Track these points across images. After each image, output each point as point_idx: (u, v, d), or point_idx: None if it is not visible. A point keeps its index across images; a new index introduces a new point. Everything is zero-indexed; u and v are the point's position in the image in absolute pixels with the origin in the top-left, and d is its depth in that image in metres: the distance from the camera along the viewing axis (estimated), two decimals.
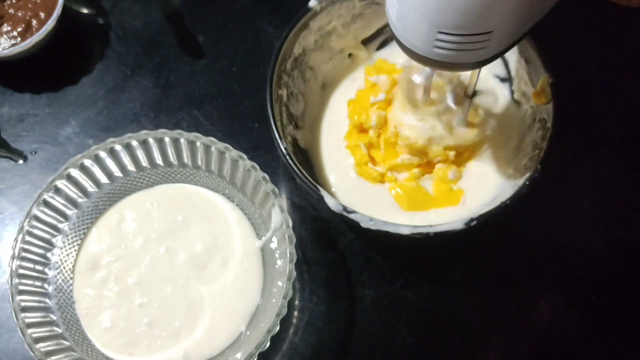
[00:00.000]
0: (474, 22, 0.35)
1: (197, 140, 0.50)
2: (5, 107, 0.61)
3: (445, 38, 0.36)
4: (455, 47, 0.37)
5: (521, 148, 0.53)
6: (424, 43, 0.38)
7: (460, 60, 0.38)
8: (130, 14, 0.66)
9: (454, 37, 0.36)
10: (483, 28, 0.35)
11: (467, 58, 0.38)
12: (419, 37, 0.38)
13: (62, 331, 0.47)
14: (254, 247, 0.52)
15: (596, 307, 0.54)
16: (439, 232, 0.46)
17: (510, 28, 0.37)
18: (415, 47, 0.39)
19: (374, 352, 0.52)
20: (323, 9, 0.54)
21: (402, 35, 0.39)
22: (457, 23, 0.35)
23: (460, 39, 0.36)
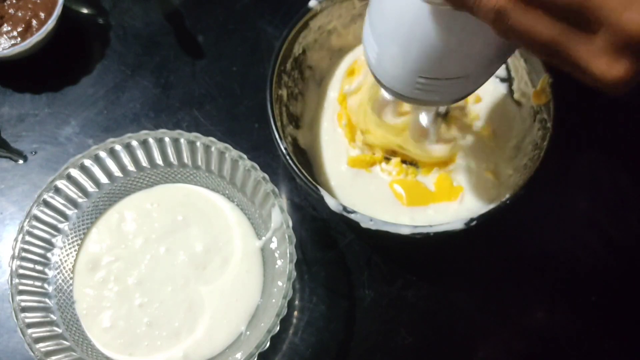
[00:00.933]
0: (453, 69, 0.36)
1: (197, 140, 0.50)
2: (5, 107, 0.61)
3: (426, 82, 0.37)
4: (434, 89, 0.38)
5: (521, 148, 0.53)
6: (405, 86, 0.39)
7: (439, 98, 0.40)
8: (130, 14, 0.66)
9: (434, 82, 0.37)
10: (462, 73, 0.37)
11: (447, 97, 0.40)
12: (399, 81, 0.39)
13: (62, 331, 0.47)
14: (254, 247, 0.52)
15: (596, 307, 0.54)
16: (439, 232, 0.46)
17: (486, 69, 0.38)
18: (396, 88, 0.40)
19: (374, 352, 0.52)
20: (323, 9, 0.54)
21: (382, 77, 0.40)
22: (436, 70, 0.37)
23: (439, 82, 0.37)
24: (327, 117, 0.58)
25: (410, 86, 0.38)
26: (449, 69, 0.36)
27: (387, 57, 0.38)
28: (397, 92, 0.40)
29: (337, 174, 0.56)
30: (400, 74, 0.38)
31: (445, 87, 0.38)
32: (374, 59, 0.39)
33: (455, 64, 0.36)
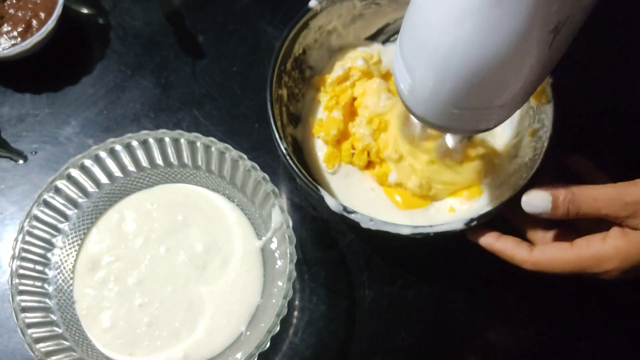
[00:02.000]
0: (489, 100, 0.36)
1: (197, 140, 0.50)
2: (6, 107, 0.61)
3: (460, 112, 0.37)
4: (469, 118, 0.37)
5: (521, 148, 0.53)
6: (438, 116, 0.38)
7: (473, 127, 0.39)
8: (130, 14, 0.66)
9: (468, 112, 0.37)
10: (497, 103, 0.36)
11: (480, 126, 0.39)
12: (433, 111, 0.38)
13: (62, 331, 0.47)
14: (254, 247, 0.52)
15: (596, 307, 0.54)
16: (439, 232, 0.46)
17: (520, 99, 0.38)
18: (429, 117, 0.39)
19: (374, 352, 0.52)
20: (323, 9, 0.54)
21: (415, 107, 0.39)
22: (472, 102, 0.36)
23: (475, 113, 0.37)
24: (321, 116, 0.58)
25: (444, 116, 0.38)
26: (483, 101, 0.36)
27: (421, 89, 0.37)
28: (430, 121, 0.39)
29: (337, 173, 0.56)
30: (434, 105, 0.37)
31: (480, 116, 0.37)
32: (407, 91, 0.38)
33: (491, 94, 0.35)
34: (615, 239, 0.40)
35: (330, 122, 0.55)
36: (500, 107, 0.37)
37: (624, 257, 0.39)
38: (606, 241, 0.40)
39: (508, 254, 0.45)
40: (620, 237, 0.39)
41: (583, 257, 0.41)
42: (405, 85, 0.38)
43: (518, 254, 0.44)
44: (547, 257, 0.43)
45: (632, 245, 0.39)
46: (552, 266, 0.42)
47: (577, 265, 0.41)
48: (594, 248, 0.40)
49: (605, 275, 0.40)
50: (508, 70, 0.34)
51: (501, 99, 0.36)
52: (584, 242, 0.41)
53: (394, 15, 0.58)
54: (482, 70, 0.33)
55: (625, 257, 0.39)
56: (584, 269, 0.41)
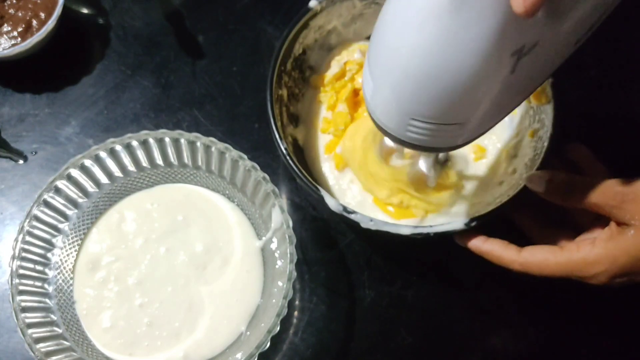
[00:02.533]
0: (447, 115, 0.35)
1: (197, 140, 0.50)
2: (6, 107, 0.61)
3: (418, 124, 0.36)
4: (427, 133, 0.36)
5: (521, 148, 0.53)
6: (397, 126, 0.37)
7: (433, 144, 0.38)
8: (130, 14, 0.66)
9: (426, 125, 0.36)
10: (454, 120, 0.35)
11: (440, 143, 0.38)
12: (392, 121, 0.37)
13: (62, 331, 0.47)
14: (254, 247, 0.52)
15: (596, 307, 0.54)
16: (439, 232, 0.46)
17: (481, 121, 0.37)
18: (389, 128, 0.38)
19: (374, 352, 0.52)
20: (323, 9, 0.54)
21: (376, 115, 0.39)
22: (429, 113, 0.35)
23: (433, 126, 0.36)
24: (323, 117, 0.58)
25: (402, 128, 0.37)
26: (441, 114, 0.35)
27: (381, 94, 0.36)
28: (389, 133, 0.39)
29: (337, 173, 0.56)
30: (393, 114, 0.37)
31: (439, 133, 0.36)
32: (369, 96, 0.38)
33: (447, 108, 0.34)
34: (604, 242, 0.40)
35: (337, 117, 0.55)
36: (459, 125, 0.36)
37: (611, 261, 0.39)
38: (595, 245, 0.40)
39: (496, 254, 0.45)
40: (609, 240, 0.40)
41: (572, 260, 0.41)
42: (368, 90, 0.38)
43: (506, 255, 0.44)
44: (536, 259, 0.43)
45: (619, 249, 0.39)
46: (541, 268, 0.43)
47: (565, 269, 0.41)
48: (583, 252, 0.41)
49: (593, 279, 0.41)
50: (465, 86, 0.33)
51: (459, 115, 0.35)
52: (573, 246, 0.41)
53: None
54: (439, 81, 0.33)
55: (613, 261, 0.39)
56: (572, 272, 0.41)
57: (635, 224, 0.39)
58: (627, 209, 0.39)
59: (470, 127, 0.37)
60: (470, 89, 0.33)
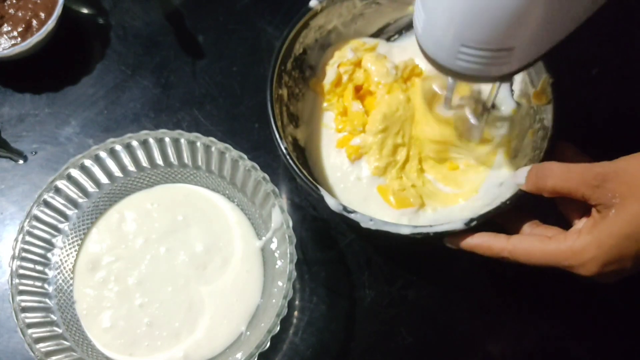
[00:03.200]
0: (496, 39, 0.36)
1: (197, 140, 0.50)
2: (6, 107, 0.61)
3: (468, 51, 0.37)
4: (477, 60, 0.38)
5: (521, 148, 0.53)
6: (448, 55, 0.39)
7: (482, 73, 0.39)
8: (130, 14, 0.66)
9: (476, 51, 0.37)
10: (505, 44, 0.37)
11: (489, 72, 0.39)
12: (442, 49, 0.39)
13: (62, 331, 0.47)
14: (254, 247, 0.52)
15: (596, 307, 0.54)
16: (439, 232, 0.46)
17: (531, 46, 0.38)
18: (439, 58, 0.40)
19: (374, 352, 0.52)
20: (324, 9, 0.54)
21: (427, 46, 0.40)
22: (479, 38, 0.36)
23: (483, 53, 0.37)
24: (327, 116, 0.58)
25: (452, 56, 0.38)
26: (491, 38, 0.36)
27: (432, 23, 0.38)
28: (439, 63, 0.40)
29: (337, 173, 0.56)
30: (444, 42, 0.38)
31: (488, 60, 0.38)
32: (421, 28, 0.40)
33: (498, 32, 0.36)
34: (589, 229, 0.40)
35: (354, 117, 0.55)
36: (507, 52, 0.37)
37: (597, 245, 0.39)
38: (580, 233, 0.41)
39: (485, 245, 0.45)
40: (593, 227, 0.40)
41: (559, 249, 0.41)
42: (420, 23, 0.40)
43: (496, 244, 0.45)
44: (524, 246, 0.43)
45: (603, 233, 0.39)
46: (529, 255, 0.43)
47: (552, 258, 0.42)
48: (569, 241, 0.41)
49: (583, 269, 0.40)
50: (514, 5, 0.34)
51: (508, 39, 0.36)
52: (561, 236, 0.42)
53: (394, 14, 0.58)
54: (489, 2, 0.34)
55: (598, 246, 0.39)
56: (559, 262, 0.41)
57: (616, 202, 0.39)
58: (607, 188, 0.39)
59: (518, 54, 0.38)
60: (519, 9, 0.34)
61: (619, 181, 0.39)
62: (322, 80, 0.57)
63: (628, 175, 0.39)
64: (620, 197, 0.39)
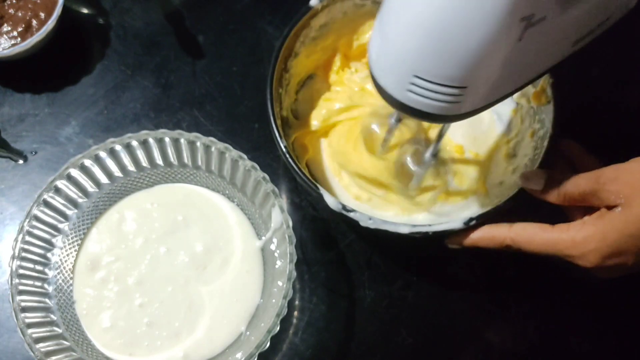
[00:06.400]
0: (451, 74, 0.35)
1: (197, 140, 0.50)
2: (5, 107, 0.61)
3: (420, 84, 0.36)
4: (428, 94, 0.36)
5: (521, 148, 0.53)
6: (399, 85, 0.37)
7: (432, 110, 0.38)
8: (130, 14, 0.66)
9: (428, 84, 0.36)
10: (458, 82, 0.35)
11: (439, 110, 0.38)
12: (394, 78, 0.38)
13: (62, 331, 0.47)
14: (254, 247, 0.52)
15: (596, 307, 0.54)
16: (438, 232, 0.46)
17: (485, 90, 0.37)
18: (389, 87, 0.38)
19: (374, 353, 0.52)
20: (324, 8, 0.54)
21: (378, 74, 0.39)
22: (433, 71, 0.35)
23: (435, 87, 0.36)
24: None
25: (404, 87, 0.37)
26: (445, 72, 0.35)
27: (387, 50, 0.37)
28: (389, 93, 0.39)
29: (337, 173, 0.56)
30: (396, 72, 0.37)
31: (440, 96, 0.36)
32: (375, 53, 0.38)
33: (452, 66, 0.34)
34: (594, 220, 0.40)
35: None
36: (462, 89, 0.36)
37: (601, 238, 0.40)
38: (585, 224, 0.41)
39: (488, 236, 0.45)
40: (598, 219, 0.40)
41: (561, 237, 0.41)
42: (374, 48, 0.38)
43: (498, 233, 0.45)
44: (527, 233, 0.43)
45: (608, 226, 0.39)
46: (530, 242, 0.43)
47: (554, 245, 0.42)
48: (572, 230, 0.41)
49: (583, 260, 0.41)
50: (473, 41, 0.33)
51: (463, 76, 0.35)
52: (564, 225, 0.42)
53: None
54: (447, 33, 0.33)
55: (602, 238, 0.39)
56: (561, 251, 0.41)
57: (622, 202, 0.39)
58: (612, 190, 0.40)
59: (472, 95, 0.36)
60: (478, 46, 0.33)
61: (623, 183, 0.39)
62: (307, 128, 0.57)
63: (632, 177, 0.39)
64: (625, 198, 0.39)
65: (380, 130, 0.52)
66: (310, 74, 0.59)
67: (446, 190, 0.54)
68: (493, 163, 0.55)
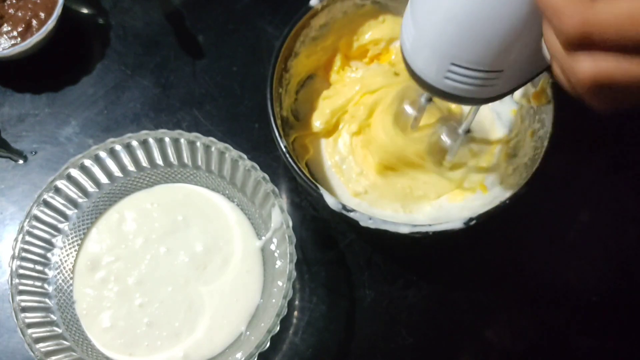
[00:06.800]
0: (488, 60, 0.36)
1: (197, 140, 0.50)
2: (5, 107, 0.61)
3: (457, 70, 0.37)
4: (465, 80, 0.37)
5: (521, 148, 0.53)
6: (436, 73, 0.38)
7: (467, 94, 0.39)
8: (130, 14, 0.66)
9: (465, 71, 0.37)
10: (495, 66, 0.36)
11: (475, 93, 0.38)
12: (431, 67, 0.38)
13: (62, 331, 0.47)
14: (254, 247, 0.52)
15: (596, 307, 0.54)
16: (438, 231, 0.46)
17: (521, 71, 0.38)
18: (426, 75, 0.39)
19: (374, 353, 0.52)
20: (324, 8, 0.54)
21: (414, 63, 0.39)
22: (471, 58, 0.36)
23: (472, 73, 0.37)
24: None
25: (441, 75, 0.38)
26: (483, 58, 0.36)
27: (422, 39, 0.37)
28: (426, 81, 0.39)
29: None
30: (433, 60, 0.37)
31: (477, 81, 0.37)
32: (410, 44, 0.39)
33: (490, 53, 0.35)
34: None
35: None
36: (497, 73, 0.36)
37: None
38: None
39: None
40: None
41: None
42: (408, 39, 0.39)
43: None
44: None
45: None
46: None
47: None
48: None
49: None
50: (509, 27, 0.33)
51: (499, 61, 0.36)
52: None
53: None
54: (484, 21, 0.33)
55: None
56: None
57: None
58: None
59: (508, 77, 0.37)
60: (513, 30, 0.33)
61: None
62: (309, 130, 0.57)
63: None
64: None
65: (411, 110, 0.53)
66: (311, 74, 0.59)
67: (477, 166, 0.54)
68: (493, 163, 0.55)
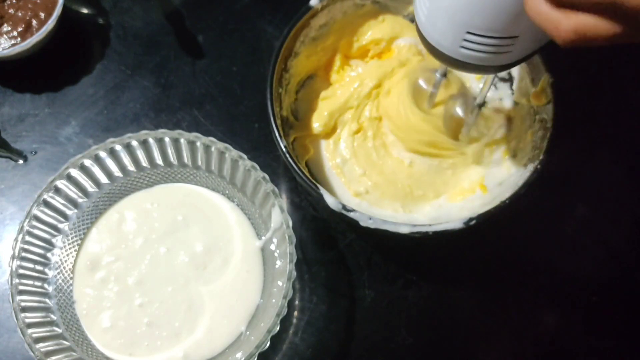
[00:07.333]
0: (502, 26, 0.36)
1: (197, 140, 0.50)
2: (5, 107, 0.61)
3: (472, 39, 0.37)
4: (480, 48, 0.38)
5: (521, 148, 0.53)
6: (451, 43, 0.39)
7: (483, 62, 0.39)
8: (130, 14, 0.66)
9: (480, 39, 0.37)
10: (510, 32, 0.37)
11: (490, 61, 0.39)
12: (446, 37, 0.39)
13: (62, 331, 0.47)
14: (254, 247, 0.52)
15: (596, 307, 0.54)
16: (438, 231, 0.46)
17: (535, 35, 0.38)
18: (442, 46, 0.40)
19: (374, 353, 0.52)
20: (324, 8, 0.54)
21: (430, 34, 0.40)
22: (486, 25, 0.36)
23: (487, 40, 0.37)
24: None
25: (456, 44, 0.38)
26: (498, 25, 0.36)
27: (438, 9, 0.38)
28: (442, 52, 0.40)
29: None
30: (448, 29, 0.38)
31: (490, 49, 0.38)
32: (424, 15, 0.39)
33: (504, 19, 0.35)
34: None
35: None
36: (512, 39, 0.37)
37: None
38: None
39: None
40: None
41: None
42: (423, 10, 0.39)
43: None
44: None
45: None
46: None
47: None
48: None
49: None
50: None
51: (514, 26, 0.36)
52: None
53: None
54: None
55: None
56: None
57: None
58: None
59: (522, 43, 0.38)
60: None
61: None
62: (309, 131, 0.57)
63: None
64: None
65: (427, 86, 0.53)
66: (311, 74, 0.59)
67: (492, 139, 0.54)
68: (493, 163, 0.55)
